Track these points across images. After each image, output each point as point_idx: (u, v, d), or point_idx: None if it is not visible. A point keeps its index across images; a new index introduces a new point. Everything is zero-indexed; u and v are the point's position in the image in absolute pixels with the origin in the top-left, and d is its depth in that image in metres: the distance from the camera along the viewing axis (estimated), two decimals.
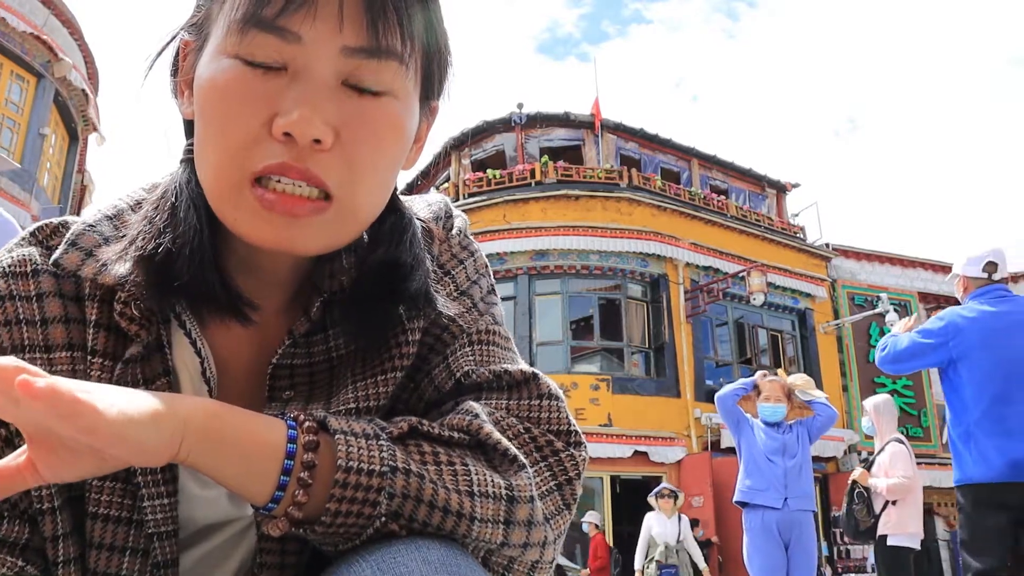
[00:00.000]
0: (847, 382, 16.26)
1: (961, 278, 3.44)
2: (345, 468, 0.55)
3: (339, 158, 0.59)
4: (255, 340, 0.69)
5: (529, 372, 0.69)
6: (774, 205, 18.07)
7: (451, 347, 0.70)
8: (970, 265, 3.37)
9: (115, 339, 0.64)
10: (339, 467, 0.55)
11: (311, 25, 0.57)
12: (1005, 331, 3.21)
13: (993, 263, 3.33)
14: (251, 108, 0.57)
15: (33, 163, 12.70)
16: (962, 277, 3.43)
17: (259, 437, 0.55)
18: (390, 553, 0.55)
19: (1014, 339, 3.19)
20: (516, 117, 16.08)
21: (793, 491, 4.31)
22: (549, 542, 0.62)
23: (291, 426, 0.57)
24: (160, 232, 0.63)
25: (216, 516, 0.66)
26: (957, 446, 3.28)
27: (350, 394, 0.66)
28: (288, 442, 0.55)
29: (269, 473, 0.55)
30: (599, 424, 13.05)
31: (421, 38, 0.62)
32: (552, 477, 0.64)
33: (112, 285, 0.63)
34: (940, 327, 3.32)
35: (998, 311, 3.24)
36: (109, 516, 0.62)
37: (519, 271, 14.35)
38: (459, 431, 0.61)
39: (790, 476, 4.34)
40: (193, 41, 0.64)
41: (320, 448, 0.56)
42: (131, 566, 0.62)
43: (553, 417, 0.67)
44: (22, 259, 0.65)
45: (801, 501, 4.34)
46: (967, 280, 3.39)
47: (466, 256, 0.77)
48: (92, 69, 14.61)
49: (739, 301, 15.44)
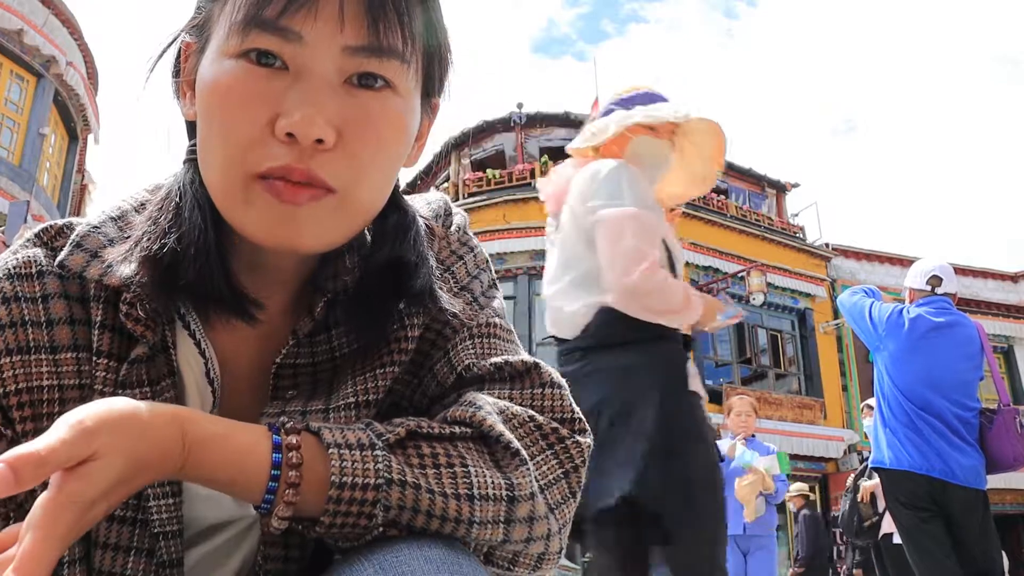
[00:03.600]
0: (847, 382, 16.27)
1: (908, 290, 3.64)
2: (339, 484, 0.55)
3: (341, 157, 0.59)
4: (259, 340, 0.69)
5: (531, 362, 0.69)
6: (774, 205, 18.07)
7: (452, 341, 0.70)
8: (916, 277, 3.59)
9: (120, 340, 0.64)
10: (332, 483, 0.55)
11: (312, 25, 0.57)
12: (938, 340, 3.35)
13: (938, 277, 3.53)
14: (254, 109, 0.58)
15: (33, 163, 12.70)
16: (909, 289, 3.63)
17: (241, 444, 0.55)
18: (392, 552, 0.55)
19: (944, 351, 3.34)
20: (516, 117, 16.08)
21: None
22: (554, 533, 0.63)
23: (275, 430, 0.57)
24: (165, 232, 0.63)
25: (220, 515, 0.67)
26: (876, 428, 3.47)
27: (349, 388, 0.66)
28: (273, 450, 0.55)
29: (257, 476, 0.55)
30: None
31: (422, 37, 0.63)
32: (559, 465, 0.64)
33: (117, 286, 0.63)
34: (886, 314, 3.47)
35: (936, 321, 3.38)
36: (114, 516, 0.62)
37: (519, 271, 14.35)
38: (461, 424, 0.61)
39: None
40: (195, 43, 0.65)
41: (306, 455, 0.56)
42: (136, 565, 0.62)
43: (556, 405, 0.67)
44: (27, 260, 0.66)
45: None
46: (913, 291, 3.60)
47: (466, 252, 0.78)
48: (92, 69, 14.61)
49: (739, 301, 15.44)
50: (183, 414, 0.54)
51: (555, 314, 2.08)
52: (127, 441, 0.50)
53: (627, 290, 1.89)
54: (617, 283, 1.90)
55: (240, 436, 0.56)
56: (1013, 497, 15.90)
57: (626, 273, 1.88)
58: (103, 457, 0.49)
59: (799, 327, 16.38)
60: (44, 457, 0.46)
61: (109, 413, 0.50)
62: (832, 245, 17.18)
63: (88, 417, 0.49)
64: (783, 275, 15.66)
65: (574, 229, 2.02)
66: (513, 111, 16.15)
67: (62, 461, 0.47)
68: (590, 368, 1.95)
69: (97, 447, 0.49)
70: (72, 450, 0.48)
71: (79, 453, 0.48)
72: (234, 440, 0.55)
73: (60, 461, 0.47)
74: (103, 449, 0.49)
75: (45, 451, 0.46)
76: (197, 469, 0.54)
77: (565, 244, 2.05)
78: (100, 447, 0.49)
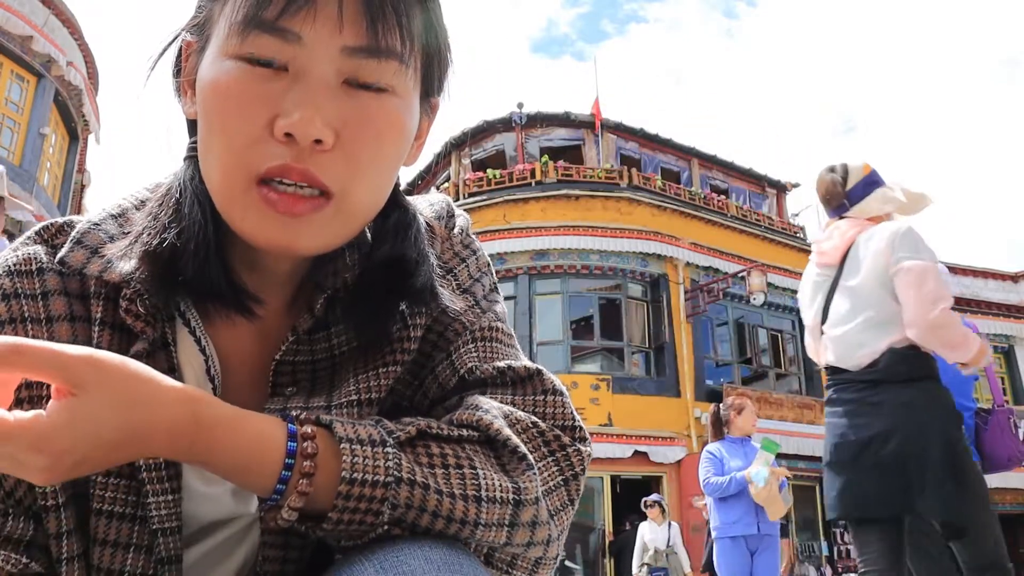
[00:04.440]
0: None
1: None
2: (349, 480, 0.55)
3: (340, 158, 0.59)
4: (259, 337, 0.69)
5: (533, 368, 0.69)
6: (774, 205, 18.07)
7: (454, 344, 0.70)
8: None
9: (120, 337, 0.64)
10: (343, 479, 0.55)
11: (311, 26, 0.57)
12: None
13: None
14: (253, 109, 0.58)
15: (33, 163, 12.70)
16: None
17: (258, 432, 0.55)
18: (393, 552, 0.55)
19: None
20: (516, 117, 16.08)
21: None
22: (553, 539, 0.63)
23: (289, 420, 0.57)
24: (165, 228, 0.63)
25: (220, 513, 0.67)
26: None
27: (351, 387, 0.66)
28: (288, 438, 0.55)
29: (271, 464, 0.55)
30: (599, 424, 13.05)
31: (420, 37, 0.63)
32: (559, 472, 0.64)
33: (118, 282, 0.63)
34: None
35: None
36: (113, 512, 0.62)
37: (519, 271, 14.34)
38: (468, 427, 0.61)
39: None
40: (195, 42, 0.65)
41: (320, 446, 0.56)
42: (135, 562, 0.62)
43: (558, 412, 0.67)
44: (27, 257, 0.66)
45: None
46: None
47: (468, 254, 0.78)
48: (92, 69, 14.61)
49: (739, 301, 15.43)
50: (197, 395, 0.54)
51: (844, 349, 2.54)
52: (122, 398, 0.50)
53: (929, 324, 2.36)
54: (921, 319, 2.37)
55: (255, 422, 0.55)
56: (1012, 497, 15.90)
57: (929, 311, 2.36)
58: (86, 393, 0.49)
59: (799, 327, 16.36)
60: (19, 346, 0.48)
61: (121, 365, 0.51)
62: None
63: (98, 354, 0.51)
64: (783, 275, 15.64)
65: (874, 278, 2.48)
66: (513, 111, 16.15)
67: (39, 362, 0.48)
68: (877, 399, 2.43)
69: (83, 380, 0.49)
70: (53, 358, 0.49)
71: (60, 368, 0.49)
72: (249, 426, 0.55)
73: (37, 358, 0.48)
74: (88, 386, 0.49)
75: (26, 344, 0.48)
76: (208, 453, 0.53)
77: (861, 290, 2.52)
78: (86, 383, 0.49)
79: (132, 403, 0.50)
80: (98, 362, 0.50)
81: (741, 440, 4.83)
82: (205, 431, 0.53)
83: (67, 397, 0.49)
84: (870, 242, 2.55)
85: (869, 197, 2.70)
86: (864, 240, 2.57)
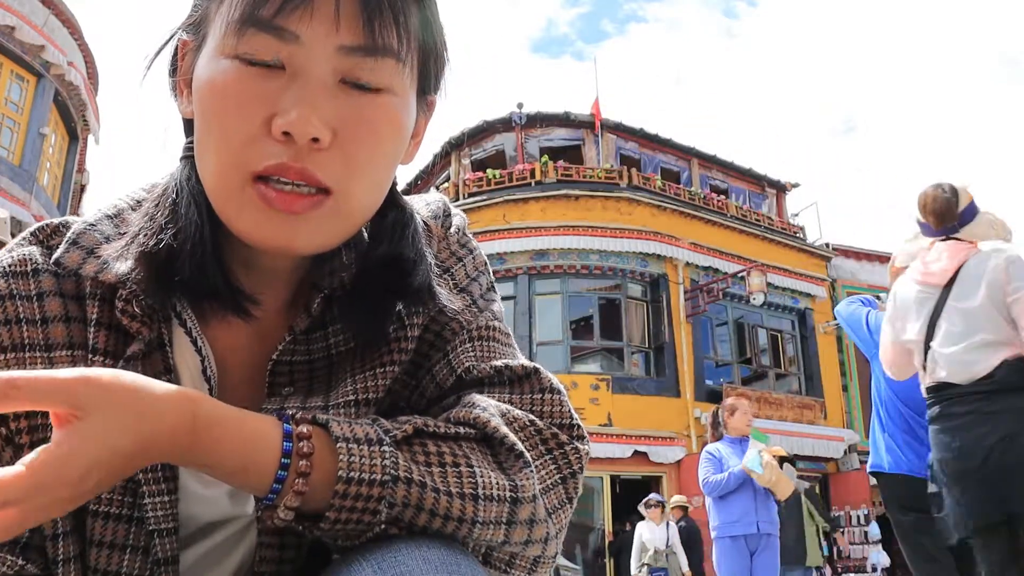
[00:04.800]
0: (847, 382, 16.27)
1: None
2: (346, 479, 0.54)
3: (337, 156, 0.59)
4: (255, 337, 0.69)
5: (530, 367, 0.69)
6: (774, 205, 18.07)
7: (452, 343, 0.70)
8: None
9: (116, 337, 0.64)
10: (340, 478, 0.54)
11: (308, 24, 0.57)
12: None
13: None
14: (250, 108, 0.58)
15: (33, 163, 12.70)
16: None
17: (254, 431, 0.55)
18: (390, 552, 0.55)
19: None
20: (516, 117, 16.09)
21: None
22: (551, 537, 0.63)
23: (285, 419, 0.57)
24: (162, 228, 0.63)
25: (216, 514, 0.67)
26: (875, 433, 3.48)
27: (348, 387, 0.66)
28: (284, 438, 0.55)
29: (267, 463, 0.54)
30: (599, 424, 13.05)
31: (417, 35, 0.63)
32: (557, 471, 0.64)
33: (114, 283, 0.63)
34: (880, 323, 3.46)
35: None
36: (110, 514, 0.62)
37: (519, 271, 14.35)
38: (465, 425, 0.61)
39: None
40: (191, 41, 0.65)
41: (316, 445, 0.56)
42: (131, 563, 0.62)
43: (556, 411, 0.67)
44: (22, 258, 0.66)
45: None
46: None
47: (465, 254, 0.77)
48: (92, 69, 14.61)
49: (739, 301, 15.44)
50: (194, 395, 0.54)
51: (958, 366, 2.65)
52: (128, 412, 0.49)
53: None
54: None
55: (251, 422, 0.55)
56: None
57: None
58: (90, 415, 0.48)
59: (799, 327, 16.39)
60: (13, 380, 0.46)
61: (116, 378, 0.50)
62: (832, 245, 17.18)
63: (93, 372, 0.49)
64: (783, 275, 15.66)
65: (991, 303, 2.63)
66: (513, 111, 16.16)
67: (37, 392, 0.47)
68: (995, 408, 2.55)
69: (85, 402, 0.48)
70: (50, 385, 0.47)
71: (59, 393, 0.47)
72: (245, 425, 0.55)
73: (35, 390, 0.47)
74: (90, 407, 0.48)
75: (20, 377, 0.46)
76: (206, 453, 0.53)
77: (977, 313, 2.65)
78: (88, 403, 0.48)
79: (138, 416, 0.50)
80: (96, 381, 0.49)
81: (739, 440, 4.87)
82: (203, 431, 0.53)
83: (71, 422, 0.48)
84: (984, 266, 2.66)
85: (977, 221, 2.82)
86: (975, 263, 2.68)
